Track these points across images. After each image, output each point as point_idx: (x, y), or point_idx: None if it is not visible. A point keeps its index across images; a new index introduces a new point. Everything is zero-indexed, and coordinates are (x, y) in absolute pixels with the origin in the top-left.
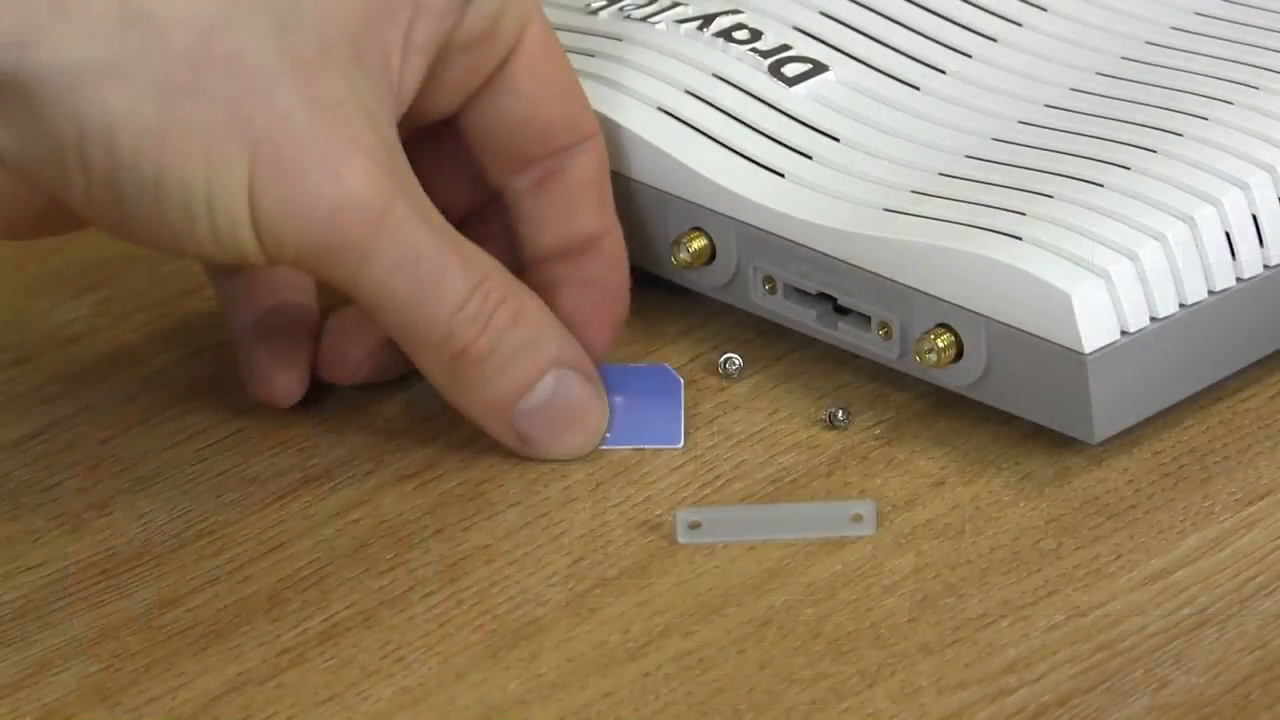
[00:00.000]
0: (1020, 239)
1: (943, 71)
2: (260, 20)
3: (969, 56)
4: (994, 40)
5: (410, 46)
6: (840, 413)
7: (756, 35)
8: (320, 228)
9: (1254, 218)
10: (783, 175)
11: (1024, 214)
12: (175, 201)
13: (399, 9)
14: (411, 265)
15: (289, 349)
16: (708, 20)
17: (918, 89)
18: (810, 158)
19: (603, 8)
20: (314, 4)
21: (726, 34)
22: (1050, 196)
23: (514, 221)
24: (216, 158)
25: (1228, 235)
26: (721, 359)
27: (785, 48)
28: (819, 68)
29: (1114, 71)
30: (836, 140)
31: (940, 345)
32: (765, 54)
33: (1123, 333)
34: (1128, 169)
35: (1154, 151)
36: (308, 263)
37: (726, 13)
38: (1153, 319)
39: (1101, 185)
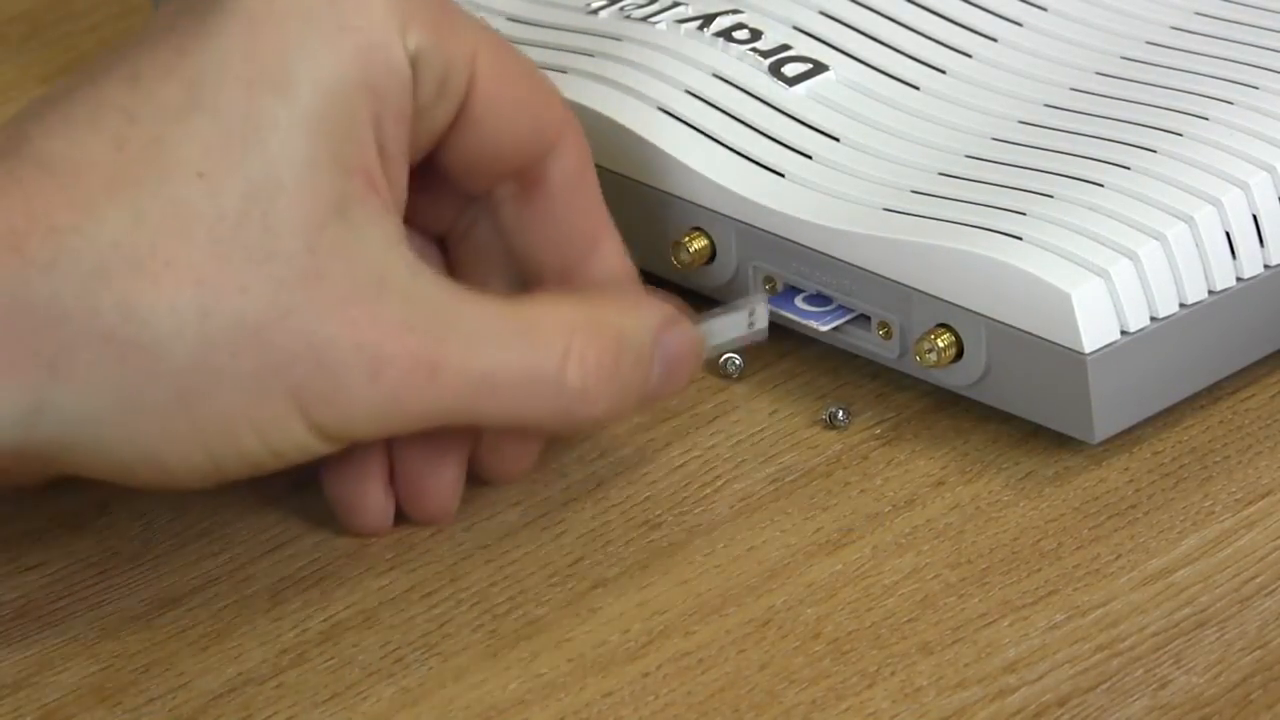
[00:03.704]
0: (1020, 239)
1: (943, 71)
2: (254, 278)
3: (969, 56)
4: (994, 40)
5: (387, 159)
6: (840, 413)
7: (756, 35)
8: (383, 419)
9: (1254, 218)
10: (783, 175)
11: (1024, 214)
12: (236, 464)
13: (362, 141)
14: (490, 389)
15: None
16: (708, 20)
17: (918, 89)
18: (810, 158)
19: (603, 8)
20: (288, 221)
21: (726, 34)
22: (1050, 196)
23: (505, 235)
24: (265, 422)
25: (1228, 235)
26: (721, 358)
27: (785, 48)
28: (819, 68)
29: (1114, 71)
30: (836, 140)
31: (940, 345)
32: (765, 54)
33: (1123, 333)
34: (1128, 169)
35: (1154, 151)
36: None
37: (726, 13)
38: (1153, 319)
39: (1102, 185)
